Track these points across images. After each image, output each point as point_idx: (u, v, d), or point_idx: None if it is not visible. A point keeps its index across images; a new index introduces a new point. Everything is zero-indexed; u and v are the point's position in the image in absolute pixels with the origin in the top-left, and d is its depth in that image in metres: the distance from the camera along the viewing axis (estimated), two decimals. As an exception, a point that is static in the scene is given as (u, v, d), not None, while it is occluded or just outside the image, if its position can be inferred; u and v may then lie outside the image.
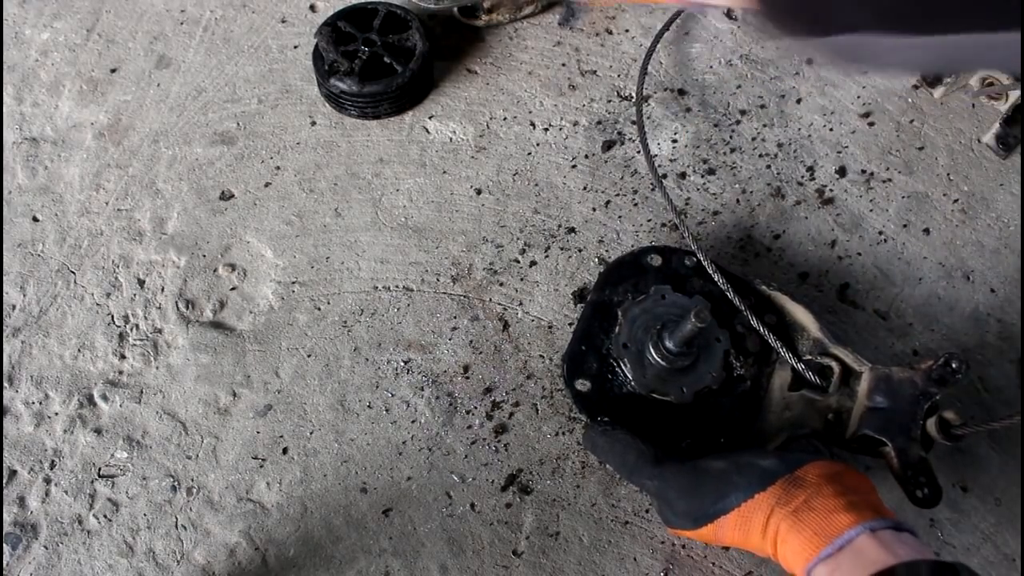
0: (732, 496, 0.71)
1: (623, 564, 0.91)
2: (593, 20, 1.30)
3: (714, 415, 0.86)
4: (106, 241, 1.09)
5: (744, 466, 0.73)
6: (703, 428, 0.86)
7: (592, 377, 0.88)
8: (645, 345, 0.87)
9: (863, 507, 0.66)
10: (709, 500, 0.73)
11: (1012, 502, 0.95)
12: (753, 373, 0.88)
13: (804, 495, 0.68)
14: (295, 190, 1.13)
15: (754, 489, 0.70)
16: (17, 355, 1.01)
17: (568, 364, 0.89)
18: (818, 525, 0.66)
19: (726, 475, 0.73)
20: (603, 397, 0.87)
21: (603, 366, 0.89)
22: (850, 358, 0.84)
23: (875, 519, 0.65)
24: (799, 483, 0.70)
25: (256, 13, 1.29)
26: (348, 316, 1.04)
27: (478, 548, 0.91)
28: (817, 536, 0.65)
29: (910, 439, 0.77)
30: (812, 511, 0.67)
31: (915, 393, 0.79)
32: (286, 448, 0.96)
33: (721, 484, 0.73)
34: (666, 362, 0.85)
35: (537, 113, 1.20)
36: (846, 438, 0.81)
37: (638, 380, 0.86)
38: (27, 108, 1.19)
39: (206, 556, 0.90)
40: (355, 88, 1.13)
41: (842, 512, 0.66)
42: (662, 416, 0.86)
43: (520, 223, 1.11)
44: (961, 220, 1.13)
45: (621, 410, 0.86)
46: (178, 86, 1.22)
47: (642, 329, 0.88)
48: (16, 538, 0.91)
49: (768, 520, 0.69)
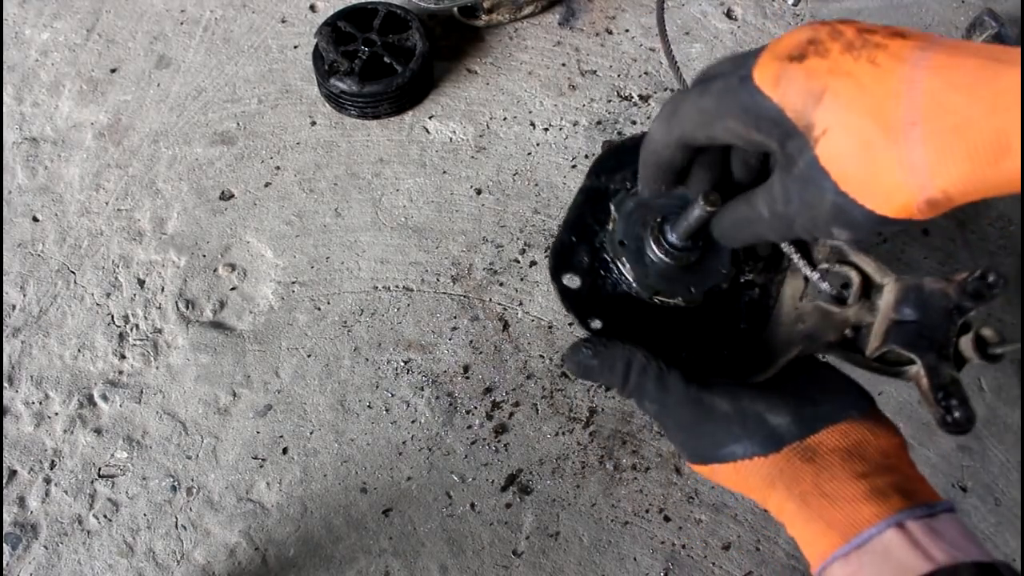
0: (729, 448, 0.61)
1: (623, 564, 0.91)
2: (593, 20, 1.30)
3: (719, 324, 0.76)
4: (106, 241, 1.09)
5: (750, 417, 0.61)
6: (706, 339, 0.75)
7: (583, 272, 0.76)
8: (645, 241, 0.76)
9: (890, 491, 0.55)
10: (706, 443, 0.63)
11: (1012, 502, 0.95)
12: (762, 280, 0.78)
13: (813, 474, 0.58)
14: (295, 190, 1.13)
15: (754, 451, 0.60)
16: (17, 355, 1.01)
17: (555, 256, 0.77)
18: (832, 516, 0.55)
19: (727, 422, 0.62)
20: (595, 296, 0.76)
21: (596, 260, 0.78)
22: (872, 267, 0.73)
23: (904, 508, 0.54)
24: (810, 456, 0.59)
25: (256, 13, 1.29)
26: (348, 316, 1.04)
27: (478, 548, 0.91)
28: (831, 529, 0.55)
29: (942, 356, 0.67)
30: (824, 497, 0.56)
31: (948, 307, 0.68)
32: (286, 448, 0.96)
33: (720, 431, 0.62)
34: (670, 258, 0.74)
35: (537, 113, 1.20)
36: (866, 356, 0.71)
37: (640, 281, 0.75)
38: (27, 108, 1.19)
39: (206, 556, 0.90)
40: (355, 88, 1.13)
41: (862, 501, 0.55)
42: (659, 323, 0.76)
43: (520, 223, 1.11)
44: (961, 220, 1.13)
45: (617, 312, 0.75)
46: (178, 86, 1.22)
47: (639, 224, 0.77)
48: (16, 538, 0.91)
49: (769, 492, 0.60)
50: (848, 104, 0.46)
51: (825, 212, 0.49)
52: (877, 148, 0.45)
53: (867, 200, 0.47)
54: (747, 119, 0.51)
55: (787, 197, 0.51)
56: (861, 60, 0.46)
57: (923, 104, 0.43)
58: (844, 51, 0.46)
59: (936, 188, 0.44)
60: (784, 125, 0.49)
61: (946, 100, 0.42)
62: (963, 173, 0.43)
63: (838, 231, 0.50)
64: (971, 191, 0.44)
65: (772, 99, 0.49)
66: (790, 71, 0.48)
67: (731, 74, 0.51)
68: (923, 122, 0.43)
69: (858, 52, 0.46)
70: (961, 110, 0.42)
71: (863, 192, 0.46)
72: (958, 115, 0.42)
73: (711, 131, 0.53)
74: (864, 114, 0.45)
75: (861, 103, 0.45)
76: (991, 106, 0.41)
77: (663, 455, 0.97)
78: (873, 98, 0.45)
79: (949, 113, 0.42)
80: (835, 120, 0.46)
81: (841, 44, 0.47)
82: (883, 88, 0.45)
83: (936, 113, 0.43)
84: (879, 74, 0.45)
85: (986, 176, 0.43)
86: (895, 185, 0.45)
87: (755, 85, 0.49)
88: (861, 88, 0.45)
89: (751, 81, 0.49)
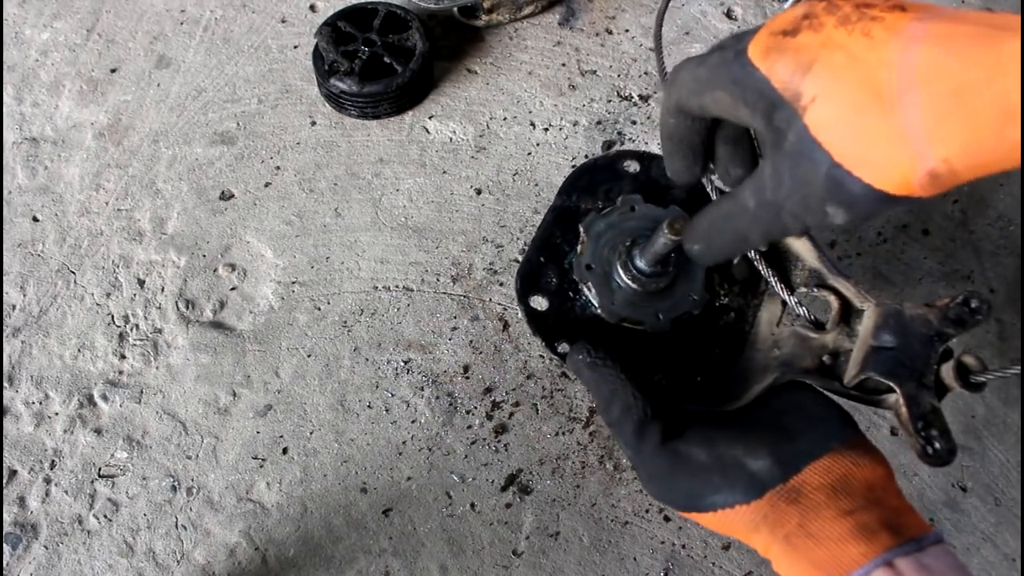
0: (709, 499, 0.59)
1: (623, 564, 0.91)
2: (593, 20, 1.30)
3: (692, 349, 0.74)
4: (106, 241, 1.09)
5: (729, 466, 0.59)
6: (679, 363, 0.73)
7: (551, 294, 0.75)
8: (612, 265, 0.74)
9: (877, 528, 0.54)
10: (680, 495, 0.61)
11: (1012, 502, 0.95)
12: (739, 304, 0.76)
13: (798, 515, 0.56)
14: (295, 190, 1.13)
15: (735, 499, 0.58)
16: (17, 355, 1.01)
17: (522, 277, 0.75)
18: (818, 557, 0.54)
19: (706, 473, 0.60)
20: (563, 319, 0.74)
21: (564, 282, 0.76)
22: (851, 292, 0.71)
23: (892, 547, 0.52)
24: (794, 497, 0.57)
25: (256, 13, 1.29)
26: (348, 316, 1.04)
27: (478, 548, 0.91)
28: (817, 570, 0.53)
29: (922, 385, 0.65)
30: (810, 538, 0.55)
31: (928, 334, 0.66)
32: (286, 448, 0.96)
33: (698, 484, 0.60)
34: (637, 284, 0.72)
35: (537, 113, 1.20)
36: (844, 384, 0.69)
37: (605, 307, 0.73)
38: (27, 108, 1.19)
39: (206, 556, 0.90)
40: (355, 88, 1.13)
41: (849, 541, 0.53)
42: (633, 346, 0.73)
43: (520, 223, 1.11)
44: (961, 220, 1.13)
45: (585, 335, 0.73)
46: (178, 86, 1.22)
47: (608, 247, 0.75)
48: (16, 538, 0.91)
49: (753, 536, 0.59)
50: (837, 73, 0.44)
51: (819, 188, 0.46)
52: (870, 114, 0.43)
53: (864, 172, 0.44)
54: (735, 90, 0.49)
55: (777, 179, 0.49)
56: (855, 33, 0.44)
57: (919, 70, 0.41)
58: (838, 25, 0.45)
59: (936, 157, 0.42)
60: (770, 96, 0.47)
61: (944, 66, 0.40)
62: (965, 141, 0.40)
63: (833, 211, 0.47)
64: (975, 163, 0.41)
65: (760, 71, 0.48)
66: (781, 44, 0.47)
67: (729, 48, 0.51)
68: (919, 87, 0.41)
69: (852, 26, 0.45)
70: (960, 75, 0.40)
71: (859, 162, 0.44)
72: (957, 80, 0.40)
73: (701, 100, 0.53)
74: (854, 82, 0.44)
75: (851, 72, 0.44)
76: (992, 71, 0.39)
77: (663, 455, 0.97)
78: (865, 68, 0.43)
79: (947, 78, 0.40)
80: (823, 88, 0.45)
81: (836, 18, 0.46)
82: (875, 57, 0.43)
83: (933, 78, 0.41)
84: (872, 45, 0.43)
85: (990, 145, 0.40)
86: (892, 154, 0.43)
87: (747, 58, 0.49)
88: (852, 58, 0.44)
89: (744, 55, 0.49)
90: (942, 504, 0.94)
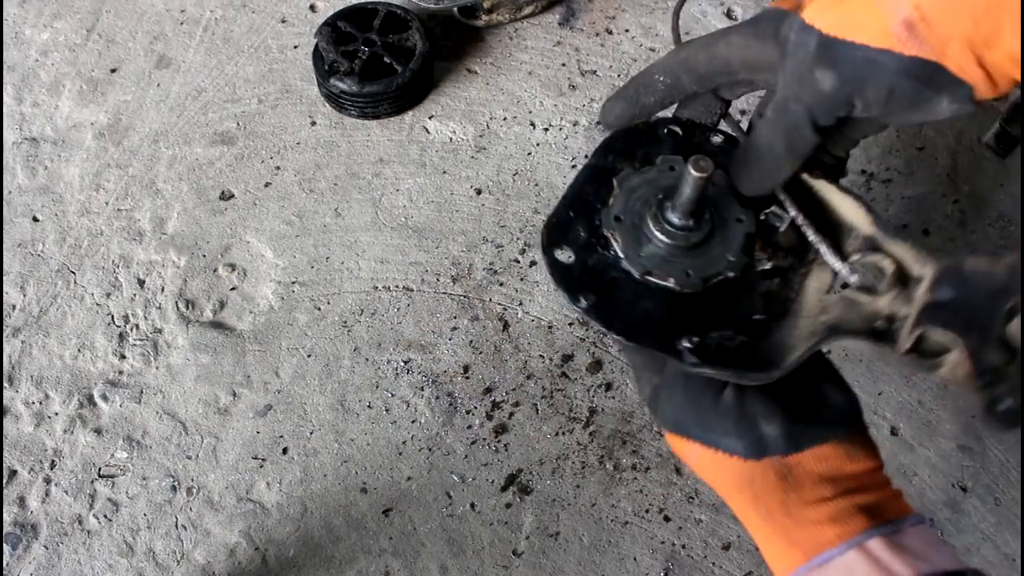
0: (716, 437, 0.61)
1: (623, 564, 0.91)
2: (593, 20, 1.30)
3: (729, 313, 0.68)
4: (106, 241, 1.09)
5: (747, 417, 0.61)
6: (714, 324, 0.68)
7: (578, 247, 0.70)
8: (643, 219, 0.70)
9: (854, 513, 0.57)
10: (695, 421, 0.62)
11: (1012, 502, 0.95)
12: (784, 269, 0.71)
13: (782, 493, 0.59)
14: (295, 190, 1.13)
15: (737, 450, 0.60)
16: (17, 355, 1.01)
17: (548, 229, 0.71)
18: (795, 535, 0.57)
19: (726, 413, 0.61)
20: (588, 273, 0.69)
21: (593, 236, 0.72)
22: (910, 255, 0.65)
23: (868, 529, 0.55)
24: (785, 473, 0.59)
25: (256, 13, 1.29)
26: (348, 316, 1.04)
27: (478, 548, 0.91)
28: (794, 547, 0.57)
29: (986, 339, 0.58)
30: (789, 517, 0.58)
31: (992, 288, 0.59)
32: (286, 448, 0.96)
33: (715, 418, 0.61)
34: (667, 237, 0.68)
35: (537, 113, 1.20)
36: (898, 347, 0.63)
37: (631, 257, 0.69)
38: (27, 108, 1.19)
39: (206, 556, 0.90)
40: (355, 88, 1.13)
41: (826, 524, 0.56)
42: (661, 304, 0.69)
43: (520, 223, 1.11)
44: (960, 220, 1.13)
45: (611, 290, 0.69)
46: (178, 86, 1.22)
47: (641, 202, 0.71)
48: (16, 538, 0.91)
49: (736, 495, 0.61)
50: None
51: (810, 57, 0.54)
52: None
53: (847, 34, 0.53)
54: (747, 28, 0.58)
55: (784, 79, 0.57)
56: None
57: None
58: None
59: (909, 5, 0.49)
60: (779, 14, 0.56)
61: None
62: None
63: (821, 74, 0.55)
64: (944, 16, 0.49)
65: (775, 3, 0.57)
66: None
67: None
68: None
69: None
70: None
71: (843, 28, 0.53)
72: None
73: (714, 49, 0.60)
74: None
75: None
76: None
77: (663, 455, 0.97)
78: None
79: None
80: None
81: None
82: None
83: None
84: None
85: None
86: (870, 14, 0.52)
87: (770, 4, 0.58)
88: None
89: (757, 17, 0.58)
90: (942, 504, 0.94)
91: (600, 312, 0.66)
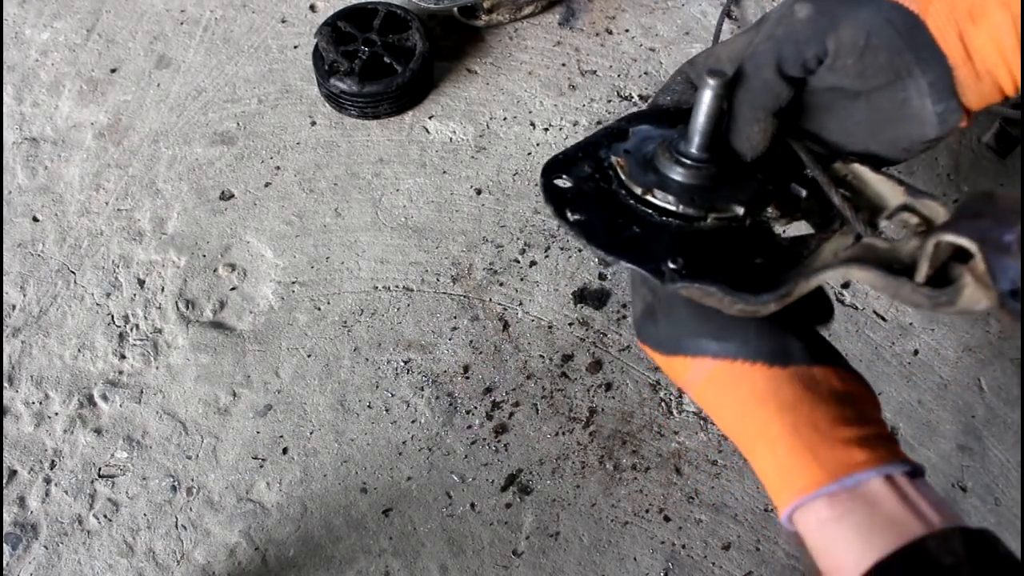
0: (731, 344, 0.56)
1: (623, 564, 0.91)
2: (593, 20, 1.30)
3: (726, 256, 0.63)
4: (106, 241, 1.09)
5: (768, 324, 0.56)
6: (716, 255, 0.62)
7: (578, 179, 0.66)
8: (655, 154, 0.65)
9: (878, 444, 0.53)
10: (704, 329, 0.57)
11: (1012, 502, 0.95)
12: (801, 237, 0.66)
13: (810, 404, 0.54)
14: (295, 190, 1.13)
15: (760, 357, 0.55)
16: (17, 355, 1.01)
17: (551, 162, 0.67)
18: (823, 452, 0.52)
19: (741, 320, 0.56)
20: (582, 196, 0.65)
21: (597, 172, 0.67)
22: (939, 212, 0.60)
23: (891, 462, 0.52)
24: (812, 384, 0.55)
25: (256, 13, 1.29)
26: (348, 316, 1.04)
27: (478, 548, 0.91)
28: (818, 465, 0.52)
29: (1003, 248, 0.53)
30: (817, 432, 0.53)
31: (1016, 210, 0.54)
32: (286, 448, 0.96)
33: (729, 322, 0.56)
34: (679, 167, 0.63)
35: (537, 113, 1.20)
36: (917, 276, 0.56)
37: (635, 175, 0.64)
38: (27, 108, 1.19)
39: (206, 556, 0.90)
40: (355, 88, 1.13)
41: (855, 446, 0.52)
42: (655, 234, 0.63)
43: (520, 223, 1.11)
44: (961, 220, 1.13)
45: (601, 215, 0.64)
46: (178, 86, 1.22)
47: (654, 144, 0.66)
48: (16, 538, 0.91)
49: (754, 407, 0.55)
50: None
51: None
52: None
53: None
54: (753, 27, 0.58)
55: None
56: None
57: None
58: None
59: None
60: None
61: None
62: None
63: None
64: None
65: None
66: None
67: None
68: None
69: None
70: None
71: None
72: None
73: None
74: None
75: None
76: None
77: (663, 455, 0.97)
78: None
79: None
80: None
81: None
82: None
83: None
84: None
85: None
86: None
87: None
88: None
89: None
90: (942, 504, 0.94)
91: (585, 229, 0.61)
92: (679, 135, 0.64)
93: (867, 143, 0.61)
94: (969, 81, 0.52)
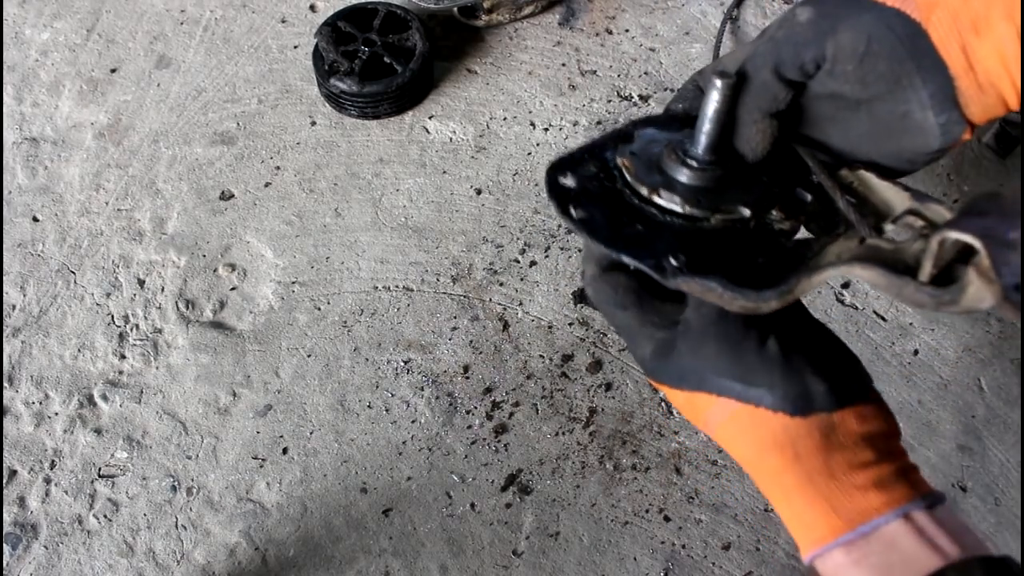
0: (756, 391, 0.55)
1: (623, 564, 0.91)
2: (593, 20, 1.30)
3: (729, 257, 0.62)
4: (106, 241, 1.09)
5: (795, 369, 0.56)
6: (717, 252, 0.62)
7: (583, 179, 0.67)
8: (661, 156, 0.65)
9: (896, 480, 0.53)
10: (729, 371, 0.56)
11: (1012, 502, 0.95)
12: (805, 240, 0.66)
13: (826, 453, 0.54)
14: (295, 190, 1.13)
15: (782, 405, 0.54)
16: (17, 355, 1.01)
17: (557, 160, 0.68)
18: (839, 501, 0.53)
19: (770, 363, 0.56)
20: (586, 194, 0.66)
21: (602, 172, 0.68)
22: (944, 215, 0.60)
23: (910, 501, 0.52)
24: (829, 431, 0.55)
25: (256, 13, 1.29)
26: (348, 316, 1.04)
27: (478, 548, 0.91)
28: (835, 515, 0.52)
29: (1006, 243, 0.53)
30: (833, 480, 0.53)
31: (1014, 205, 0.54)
32: (286, 448, 0.96)
33: (757, 368, 0.55)
34: (686, 169, 0.64)
35: (537, 113, 1.20)
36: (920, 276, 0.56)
37: (641, 176, 0.64)
38: (27, 108, 1.19)
39: (206, 556, 0.90)
40: (355, 88, 1.13)
41: (871, 490, 0.53)
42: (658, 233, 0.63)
43: (520, 223, 1.11)
44: (961, 220, 1.13)
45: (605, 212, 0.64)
46: (178, 86, 1.22)
47: (659, 146, 0.67)
48: (16, 538, 0.91)
49: (770, 455, 0.55)
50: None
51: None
52: None
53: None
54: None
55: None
56: None
57: None
58: None
59: None
60: None
61: None
62: None
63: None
64: None
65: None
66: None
67: None
68: None
69: None
70: None
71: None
72: None
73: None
74: None
75: None
76: None
77: (663, 455, 0.97)
78: None
79: None
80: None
81: None
82: None
83: None
84: None
85: None
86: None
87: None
88: None
89: None
90: (942, 504, 0.94)
91: (588, 225, 0.62)
92: (686, 138, 0.64)
93: (871, 154, 0.61)
94: (971, 92, 0.52)
